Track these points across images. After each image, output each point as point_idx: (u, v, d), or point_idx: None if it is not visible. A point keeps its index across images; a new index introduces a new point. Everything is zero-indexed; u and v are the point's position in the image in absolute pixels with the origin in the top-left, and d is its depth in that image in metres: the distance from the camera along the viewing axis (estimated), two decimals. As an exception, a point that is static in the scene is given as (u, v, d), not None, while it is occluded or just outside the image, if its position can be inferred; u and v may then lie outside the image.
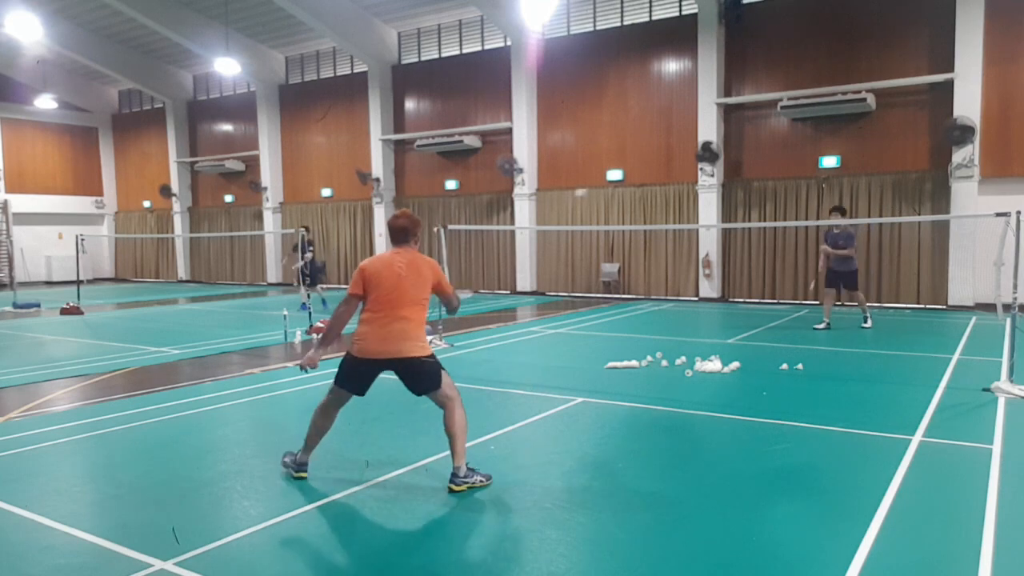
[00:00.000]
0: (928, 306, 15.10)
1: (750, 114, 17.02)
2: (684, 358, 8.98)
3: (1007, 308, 7.56)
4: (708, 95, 16.90)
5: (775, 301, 16.58)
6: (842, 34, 15.74)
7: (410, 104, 21.96)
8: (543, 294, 19.62)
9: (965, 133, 14.15)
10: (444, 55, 21.31)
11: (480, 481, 4.71)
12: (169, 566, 3.59)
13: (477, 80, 20.51)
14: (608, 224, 18.55)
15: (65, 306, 16.29)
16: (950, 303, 14.79)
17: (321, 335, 4.90)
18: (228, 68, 19.57)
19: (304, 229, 15.70)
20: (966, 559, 3.56)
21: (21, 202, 27.01)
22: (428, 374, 4.70)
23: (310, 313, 12.77)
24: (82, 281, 18.03)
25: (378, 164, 22.11)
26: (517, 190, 19.66)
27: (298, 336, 11.44)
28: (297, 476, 4.87)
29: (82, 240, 17.42)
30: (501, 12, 18.55)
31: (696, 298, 17.52)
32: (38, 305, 17.56)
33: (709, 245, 17.31)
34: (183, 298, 20.52)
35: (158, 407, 6.99)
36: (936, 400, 6.89)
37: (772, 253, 16.80)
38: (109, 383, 8.27)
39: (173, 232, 27.89)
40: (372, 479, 4.83)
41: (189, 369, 9.18)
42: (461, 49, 21.03)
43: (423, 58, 21.73)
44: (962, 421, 6.25)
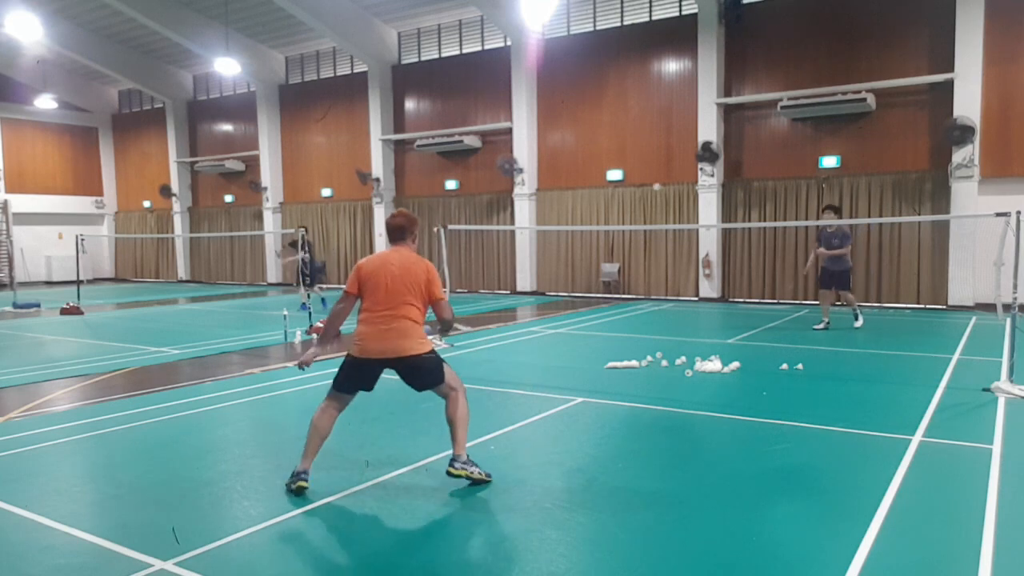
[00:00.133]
0: (928, 306, 15.10)
1: (750, 114, 17.02)
2: (684, 358, 8.98)
3: (1007, 308, 7.56)
4: (708, 95, 16.90)
5: (775, 301, 16.58)
6: (842, 34, 15.74)
7: (410, 104, 21.97)
8: (543, 294, 19.62)
9: (965, 133, 14.15)
10: (444, 55, 21.31)
11: (477, 473, 4.70)
12: (169, 566, 3.60)
13: (477, 80, 20.51)
14: (608, 224, 18.56)
15: (65, 306, 16.29)
16: (950, 303, 14.79)
17: (320, 334, 4.87)
18: (228, 68, 19.59)
19: (303, 229, 15.69)
20: (966, 559, 3.56)
21: (21, 202, 27.03)
22: (429, 370, 4.71)
23: (310, 313, 12.77)
24: (82, 281, 18.03)
25: (378, 164, 22.11)
26: (517, 190, 19.67)
27: (298, 336, 11.44)
28: (296, 487, 4.54)
29: (82, 240, 17.41)
30: (501, 12, 18.55)
31: (696, 298, 17.52)
32: (38, 305, 17.56)
33: (709, 245, 17.31)
34: (183, 298, 20.51)
35: (158, 407, 6.99)
36: (936, 400, 6.88)
37: (772, 253, 16.80)
38: (109, 383, 8.27)
39: (173, 232, 27.89)
40: (372, 479, 4.83)
41: (189, 369, 9.18)
42: (461, 49, 21.03)
43: (423, 58, 21.73)
44: (962, 421, 6.25)
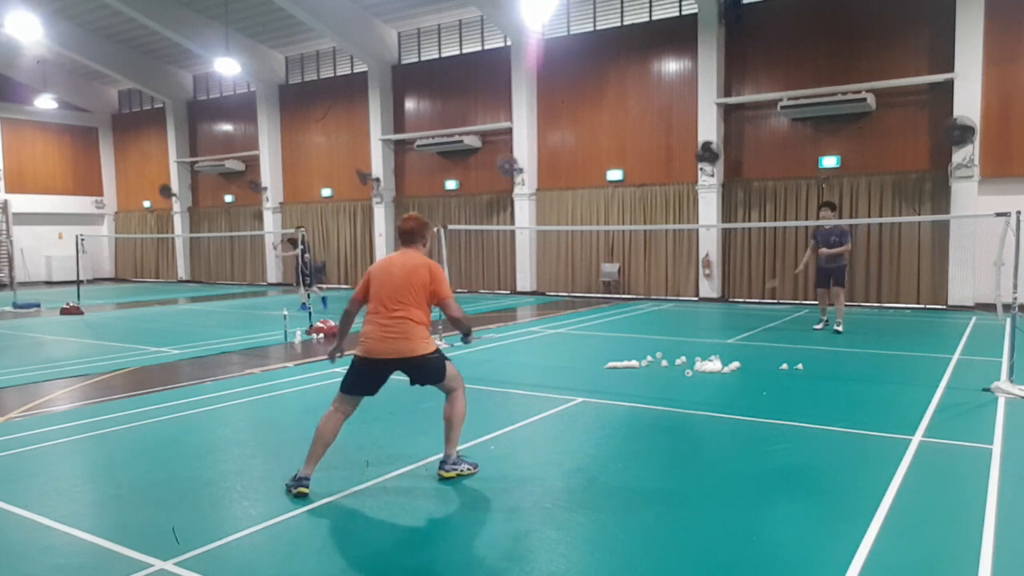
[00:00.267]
0: (928, 306, 15.10)
1: (750, 114, 17.02)
2: (684, 358, 8.98)
3: (1007, 308, 7.56)
4: (708, 95, 16.90)
5: (775, 301, 16.57)
6: (842, 34, 15.74)
7: (410, 104, 21.97)
8: (543, 294, 19.62)
9: (965, 133, 14.15)
10: (444, 55, 21.31)
11: (468, 469, 4.86)
12: (169, 566, 3.60)
13: (477, 80, 20.51)
14: (608, 224, 18.56)
15: (65, 306, 16.29)
16: (950, 303, 14.79)
17: (334, 335, 4.92)
18: (228, 68, 19.58)
19: (302, 229, 15.70)
20: (966, 559, 3.56)
21: (21, 202, 27.03)
22: (434, 370, 4.79)
23: (310, 313, 12.76)
24: (82, 281, 18.04)
25: (378, 164, 22.11)
26: (517, 190, 19.67)
27: (298, 336, 11.44)
28: (297, 492, 4.49)
29: (82, 240, 17.41)
30: (501, 12, 18.55)
31: (696, 298, 17.52)
32: (38, 305, 17.56)
33: (709, 245, 17.31)
34: (183, 298, 20.51)
35: (158, 407, 6.98)
36: (936, 400, 6.88)
37: (772, 253, 16.80)
38: (109, 383, 8.27)
39: (173, 232, 27.89)
40: (372, 479, 4.83)
41: (189, 369, 9.18)
42: (461, 49, 21.03)
43: (423, 58, 21.73)
44: (962, 421, 6.25)
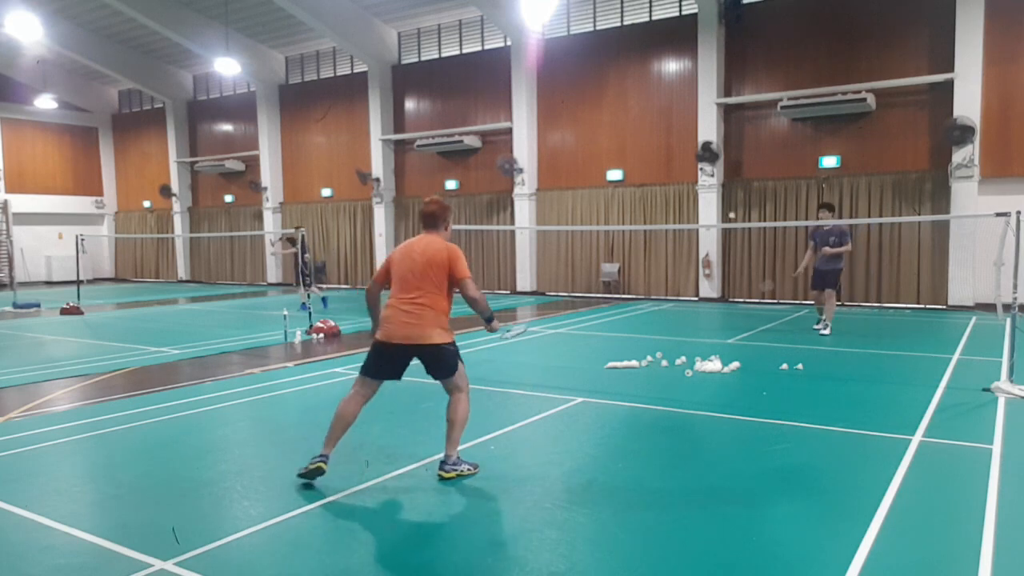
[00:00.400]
0: (928, 306, 15.10)
1: (750, 114, 17.02)
2: (684, 358, 8.98)
3: (1007, 308, 7.56)
4: (708, 95, 16.90)
5: (775, 301, 16.58)
6: (842, 34, 15.74)
7: (410, 104, 21.97)
8: (543, 294, 19.62)
9: (965, 133, 14.15)
10: (444, 55, 21.31)
11: (468, 470, 4.86)
12: (169, 566, 3.60)
13: (477, 80, 20.51)
14: (608, 224, 18.56)
15: (65, 306, 16.28)
16: (950, 303, 14.79)
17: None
18: (228, 68, 19.58)
19: (302, 229, 15.69)
20: (966, 559, 3.56)
21: (21, 202, 27.03)
22: (444, 362, 4.81)
23: (310, 313, 12.76)
24: (82, 281, 18.03)
25: (378, 164, 22.11)
26: (517, 190, 19.67)
27: (298, 336, 11.43)
28: (313, 466, 4.61)
29: (82, 240, 17.41)
30: (501, 12, 18.55)
31: (696, 298, 17.52)
32: (38, 305, 17.56)
33: (709, 245, 17.31)
34: (183, 298, 20.51)
35: (158, 407, 6.98)
36: (936, 400, 6.88)
37: (772, 253, 16.80)
38: (109, 383, 8.27)
39: (173, 232, 27.89)
40: (372, 479, 4.83)
41: (189, 369, 9.17)
42: (461, 49, 21.03)
43: (423, 58, 21.73)
44: (962, 421, 6.25)
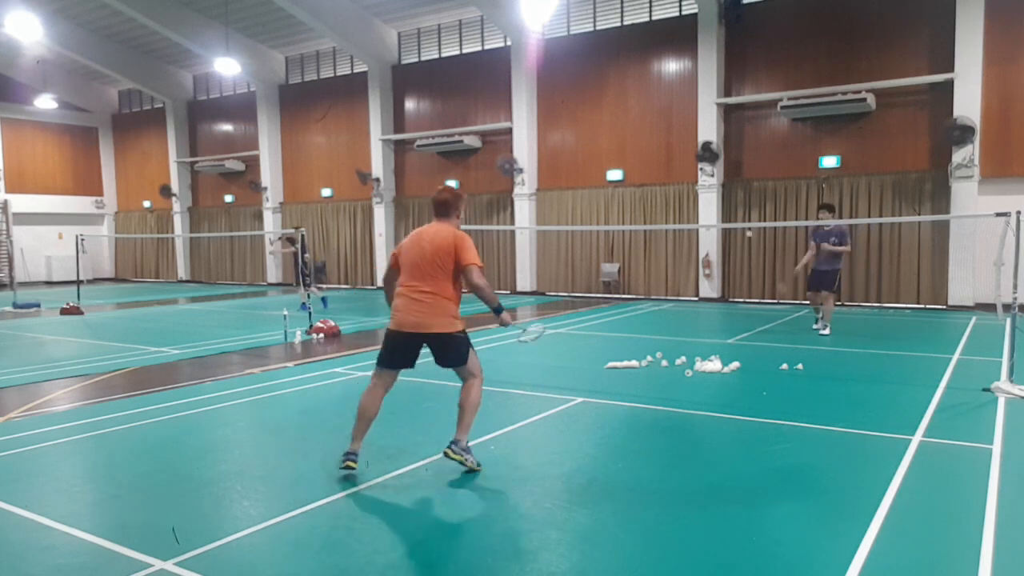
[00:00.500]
0: (928, 306, 15.11)
1: (750, 114, 17.02)
2: (684, 358, 8.98)
3: (1007, 308, 7.55)
4: (708, 95, 16.90)
5: (775, 301, 16.57)
6: (842, 34, 15.74)
7: (410, 104, 21.97)
8: (543, 294, 19.62)
9: (965, 133, 14.15)
10: (444, 55, 21.31)
11: (471, 462, 4.89)
12: (169, 566, 3.59)
13: (477, 80, 20.51)
14: (608, 224, 18.56)
15: (65, 306, 16.29)
16: (950, 303, 14.79)
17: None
18: (228, 68, 19.59)
19: (302, 229, 15.70)
20: (966, 559, 3.56)
21: (21, 202, 27.03)
22: (455, 350, 4.86)
23: (310, 313, 12.76)
24: (82, 281, 18.03)
25: (378, 164, 22.11)
26: (517, 190, 19.67)
27: (298, 336, 11.43)
28: (344, 466, 4.78)
29: (82, 240, 17.40)
30: (501, 12, 18.55)
31: (696, 298, 17.52)
32: (38, 305, 17.56)
33: (709, 245, 17.31)
34: (183, 298, 20.51)
35: (158, 407, 6.98)
36: (936, 400, 6.88)
37: (772, 253, 16.80)
38: (109, 383, 8.27)
39: (173, 232, 27.89)
40: (372, 479, 4.83)
41: (189, 369, 9.17)
42: (461, 49, 21.03)
43: (423, 58, 21.73)
44: (962, 421, 6.25)
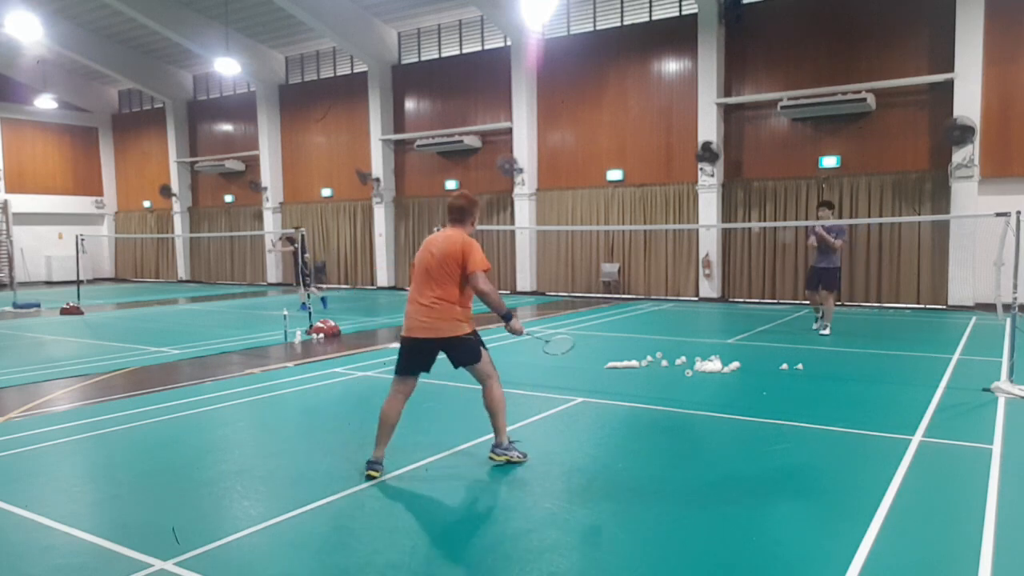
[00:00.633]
0: (928, 306, 15.10)
1: (750, 114, 17.02)
2: (684, 358, 8.97)
3: (1007, 308, 7.55)
4: (708, 95, 16.90)
5: (775, 301, 16.57)
6: (842, 34, 15.74)
7: (410, 104, 21.96)
8: (543, 294, 19.62)
9: (965, 133, 14.15)
10: (444, 55, 21.31)
11: (517, 457, 5.02)
12: (169, 566, 3.60)
13: (477, 80, 20.51)
14: (608, 224, 18.56)
15: (65, 306, 16.28)
16: (950, 303, 14.79)
17: None
18: (228, 68, 19.58)
19: (302, 229, 15.70)
20: (966, 559, 3.56)
21: (21, 202, 27.03)
22: (467, 351, 4.92)
23: (310, 313, 12.75)
24: (82, 281, 18.03)
25: (378, 164, 22.11)
26: (517, 190, 19.66)
27: (298, 336, 11.43)
28: (367, 475, 4.78)
29: (82, 240, 17.40)
30: (501, 12, 18.55)
31: (696, 298, 17.51)
32: (38, 305, 17.56)
33: (709, 245, 17.31)
34: (183, 298, 20.51)
35: (158, 407, 6.98)
36: (936, 400, 6.88)
37: (772, 253, 16.80)
38: (109, 383, 8.27)
39: (173, 232, 27.89)
40: (371, 480, 4.83)
41: (189, 369, 9.17)
42: (461, 49, 21.03)
43: (423, 58, 21.73)
44: (962, 421, 6.25)
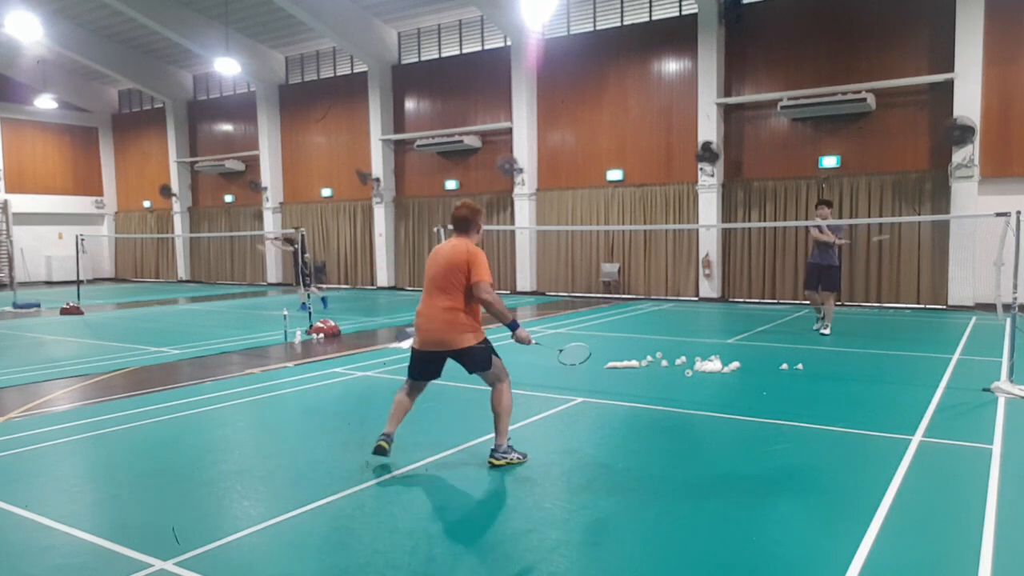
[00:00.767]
0: (928, 306, 15.10)
1: (750, 114, 17.02)
2: (684, 358, 8.97)
3: (1007, 308, 7.55)
4: (708, 95, 16.89)
5: (775, 301, 16.57)
6: (842, 34, 15.74)
7: (410, 104, 21.96)
8: (543, 294, 19.62)
9: (965, 133, 14.15)
10: (444, 55, 21.31)
11: (517, 458, 5.07)
12: (169, 566, 3.60)
13: (477, 80, 20.51)
14: (608, 224, 18.56)
15: (65, 306, 16.29)
16: (950, 303, 14.79)
17: None
18: (228, 68, 19.58)
19: (302, 230, 15.69)
20: (966, 559, 3.56)
21: (21, 202, 27.03)
22: (477, 360, 5.01)
23: (310, 313, 12.76)
24: (82, 281, 18.03)
25: (378, 164, 22.11)
26: (517, 190, 19.66)
27: (298, 336, 11.43)
28: (377, 446, 4.97)
29: (82, 240, 17.40)
30: (501, 12, 18.55)
31: (696, 298, 17.51)
32: (38, 305, 17.56)
33: (709, 245, 17.31)
34: (183, 298, 20.51)
35: (158, 407, 6.98)
36: (936, 400, 6.88)
37: (772, 253, 16.80)
38: (109, 383, 8.27)
39: (173, 232, 27.89)
40: (372, 479, 4.83)
41: (189, 369, 9.17)
42: (461, 49, 21.03)
43: (423, 58, 21.73)
44: (962, 421, 6.25)
